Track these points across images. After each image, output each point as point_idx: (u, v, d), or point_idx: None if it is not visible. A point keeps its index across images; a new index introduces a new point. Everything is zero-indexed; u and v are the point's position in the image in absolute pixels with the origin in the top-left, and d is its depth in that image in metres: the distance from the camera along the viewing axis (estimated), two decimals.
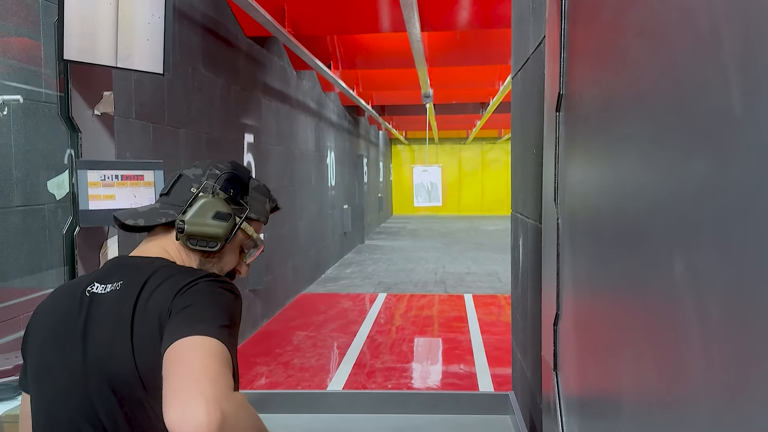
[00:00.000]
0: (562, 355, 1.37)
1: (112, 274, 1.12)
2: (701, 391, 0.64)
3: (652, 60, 0.73)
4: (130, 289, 1.07)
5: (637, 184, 0.82)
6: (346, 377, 5.12)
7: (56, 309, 1.13)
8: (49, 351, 1.10)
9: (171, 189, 1.19)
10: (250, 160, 6.48)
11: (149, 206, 1.20)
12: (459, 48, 7.48)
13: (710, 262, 0.60)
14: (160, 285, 1.06)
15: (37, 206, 2.76)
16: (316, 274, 9.74)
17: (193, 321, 0.96)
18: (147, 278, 1.08)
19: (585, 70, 1.12)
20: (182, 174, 1.20)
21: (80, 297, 1.11)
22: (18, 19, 2.64)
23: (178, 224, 1.15)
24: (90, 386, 1.05)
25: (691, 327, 0.65)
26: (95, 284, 1.11)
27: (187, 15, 4.88)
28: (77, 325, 1.08)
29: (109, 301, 1.08)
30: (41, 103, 2.72)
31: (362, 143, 15.47)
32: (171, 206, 1.18)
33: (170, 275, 1.08)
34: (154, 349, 1.00)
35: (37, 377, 1.11)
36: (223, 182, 1.20)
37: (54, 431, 1.08)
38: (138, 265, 1.12)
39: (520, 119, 2.23)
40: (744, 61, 0.50)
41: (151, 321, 1.03)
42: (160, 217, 1.17)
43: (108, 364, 1.04)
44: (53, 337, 1.10)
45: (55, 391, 1.08)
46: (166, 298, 1.03)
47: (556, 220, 1.33)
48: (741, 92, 0.50)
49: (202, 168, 1.22)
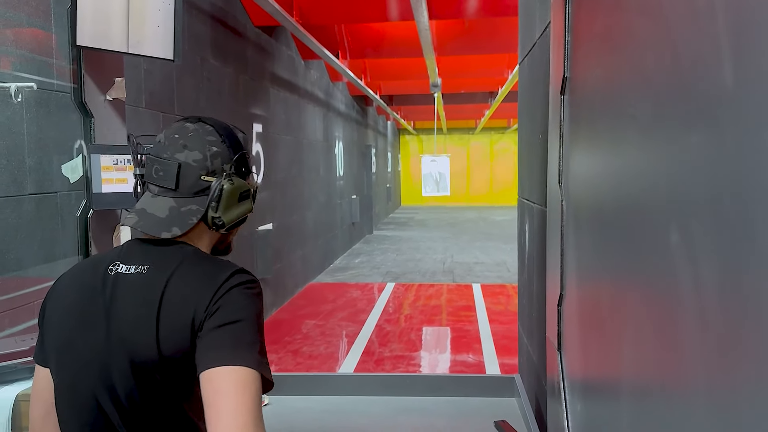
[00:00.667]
0: (566, 337, 1.39)
1: (135, 255, 1.13)
2: (699, 372, 0.66)
3: (652, 37, 0.74)
4: (158, 275, 1.09)
5: (639, 162, 0.84)
6: (355, 365, 5.16)
7: (78, 285, 1.15)
8: (72, 326, 1.12)
9: (177, 182, 1.13)
10: (259, 150, 6.51)
11: (162, 205, 1.14)
12: (467, 36, 7.46)
13: (708, 239, 0.62)
14: (191, 276, 1.09)
15: (50, 194, 2.80)
16: (324, 263, 9.79)
17: (235, 346, 1.03)
18: (176, 266, 1.10)
19: (589, 53, 1.14)
20: (180, 164, 1.13)
21: (103, 275, 1.12)
22: (30, 8, 2.67)
23: (215, 221, 1.16)
24: (111, 363, 1.08)
25: (691, 309, 0.67)
26: (119, 264, 1.13)
27: (196, 5, 4.90)
28: (100, 303, 1.10)
29: (134, 283, 1.10)
30: (53, 92, 2.76)
31: (370, 133, 15.48)
32: (189, 201, 1.14)
33: (200, 266, 1.10)
34: (181, 340, 1.05)
35: (58, 351, 1.13)
36: (235, 163, 1.19)
37: (75, 404, 1.11)
38: (164, 252, 1.13)
39: (527, 105, 2.24)
40: (736, 34, 0.52)
41: (184, 313, 1.05)
42: (189, 218, 1.14)
43: (130, 345, 1.07)
44: (76, 313, 1.12)
45: (77, 365, 1.10)
46: (201, 295, 1.06)
47: (560, 202, 1.35)
48: (733, 63, 0.51)
49: (197, 149, 1.14)
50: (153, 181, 1.15)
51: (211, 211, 1.15)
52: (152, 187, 1.16)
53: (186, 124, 1.17)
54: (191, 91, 4.77)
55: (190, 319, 1.05)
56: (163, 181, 1.14)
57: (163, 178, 1.14)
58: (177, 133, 1.16)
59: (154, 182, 1.15)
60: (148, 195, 1.16)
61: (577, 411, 1.31)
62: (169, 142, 1.15)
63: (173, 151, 1.14)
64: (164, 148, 1.15)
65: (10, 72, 2.56)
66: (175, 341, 1.05)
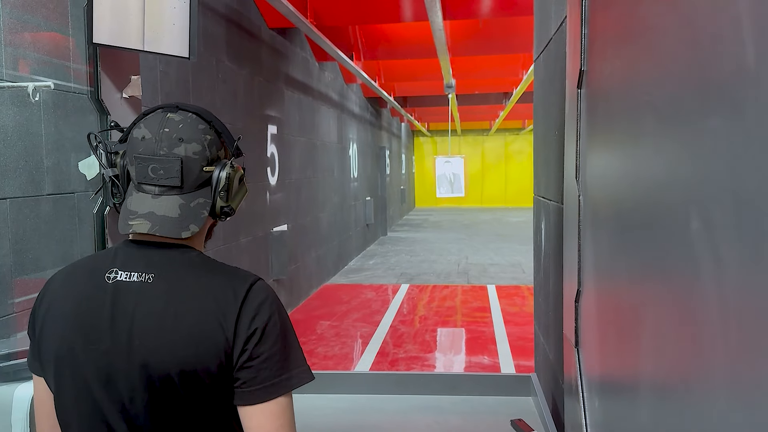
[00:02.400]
0: (584, 334, 1.38)
1: (134, 261, 1.08)
2: (721, 369, 0.64)
3: (670, 22, 0.73)
4: (167, 286, 1.06)
5: (658, 154, 0.83)
6: (369, 366, 5.16)
7: (74, 294, 1.09)
8: (71, 338, 1.07)
9: (182, 179, 1.08)
10: (274, 152, 6.54)
11: (172, 204, 1.09)
12: (481, 37, 7.44)
13: (730, 232, 0.60)
14: (207, 290, 1.06)
15: (68, 194, 2.83)
16: (339, 265, 9.80)
17: (272, 376, 1.06)
18: (185, 276, 1.07)
19: (606, 45, 1.12)
20: (182, 159, 1.07)
21: (101, 283, 1.08)
22: (47, 11, 2.70)
23: (224, 210, 1.13)
24: (118, 378, 1.04)
25: (712, 304, 0.66)
26: (117, 271, 1.07)
27: (211, 7, 4.93)
28: (103, 315, 1.05)
29: (139, 293, 1.06)
30: (70, 93, 2.78)
31: (384, 135, 15.48)
32: (196, 196, 1.10)
33: (212, 279, 1.08)
34: (204, 358, 1.03)
35: (57, 364, 1.08)
36: (231, 146, 1.16)
37: (81, 419, 1.07)
38: (167, 258, 1.09)
39: (542, 101, 2.22)
40: (756, 14, 0.51)
41: (205, 331, 1.03)
42: (201, 212, 1.10)
43: (141, 359, 1.03)
44: (75, 325, 1.07)
45: (80, 379, 1.06)
46: (224, 312, 1.04)
47: (577, 197, 1.33)
48: (754, 42, 0.50)
49: (195, 141, 1.09)
50: (150, 181, 1.07)
51: (221, 201, 1.12)
52: (148, 188, 1.08)
53: (169, 115, 1.09)
54: (206, 92, 4.80)
55: (215, 340, 1.03)
56: (166, 179, 1.07)
57: (165, 176, 1.06)
58: (166, 126, 1.08)
59: (152, 182, 1.07)
60: (146, 197, 1.08)
61: (595, 408, 1.29)
62: (159, 137, 1.07)
63: (170, 147, 1.07)
64: (156, 144, 1.07)
65: (29, 75, 2.60)
66: (195, 357, 1.03)
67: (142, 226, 1.06)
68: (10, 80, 2.44)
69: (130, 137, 1.11)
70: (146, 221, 1.06)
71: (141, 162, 1.07)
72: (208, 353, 1.03)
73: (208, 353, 1.03)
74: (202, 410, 1.06)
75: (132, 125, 1.12)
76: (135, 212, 1.07)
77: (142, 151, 1.07)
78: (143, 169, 1.07)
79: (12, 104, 2.46)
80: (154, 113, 1.11)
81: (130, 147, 1.10)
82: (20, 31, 2.54)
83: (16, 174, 2.55)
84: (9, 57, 2.47)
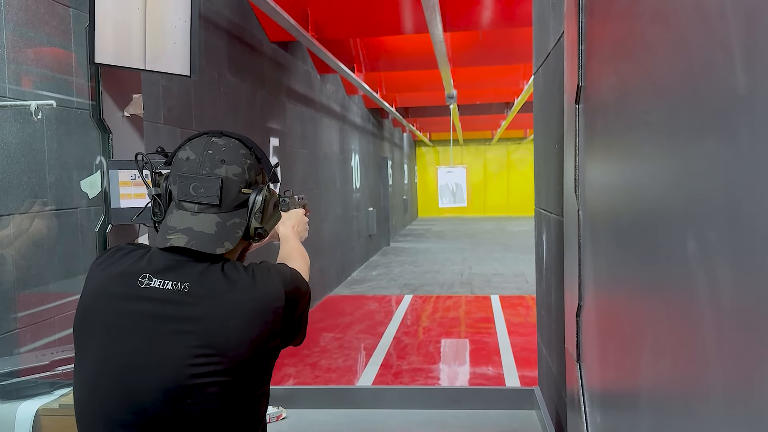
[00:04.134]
0: (585, 348, 1.38)
1: (168, 269, 1.11)
2: (719, 383, 0.65)
3: (665, 44, 0.74)
4: (204, 295, 1.09)
5: (655, 170, 0.83)
6: (373, 378, 5.14)
7: (108, 295, 1.12)
8: (101, 338, 1.10)
9: (221, 198, 1.13)
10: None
11: (209, 221, 1.14)
12: (482, 48, 7.47)
13: (726, 247, 0.61)
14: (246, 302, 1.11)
15: (70, 209, 2.84)
16: (342, 276, 9.79)
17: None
18: (221, 288, 1.10)
19: (603, 61, 1.13)
20: (222, 179, 1.13)
21: (134, 288, 1.10)
22: (50, 28, 2.72)
23: (258, 231, 1.19)
24: (144, 380, 1.06)
25: (709, 318, 0.66)
26: (150, 277, 1.10)
27: (213, 21, 4.97)
28: (135, 318, 1.08)
29: (173, 301, 1.08)
30: (73, 109, 2.80)
31: (386, 145, 15.51)
32: (232, 215, 1.15)
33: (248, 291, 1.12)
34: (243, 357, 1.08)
35: (95, 362, 1.10)
36: (268, 171, 1.23)
37: (96, 420, 1.10)
38: (202, 265, 1.12)
39: (542, 115, 2.23)
40: (748, 40, 0.51)
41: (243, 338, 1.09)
42: (236, 232, 1.16)
43: (173, 363, 1.06)
44: (108, 326, 1.10)
45: (105, 379, 1.09)
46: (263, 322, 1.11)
47: (577, 212, 1.34)
48: (745, 71, 0.51)
49: (236, 164, 1.16)
50: (191, 199, 1.13)
51: (255, 222, 1.17)
52: (188, 205, 1.14)
53: (213, 139, 1.17)
54: (209, 106, 4.83)
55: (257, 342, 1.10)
56: (205, 197, 1.13)
57: (205, 194, 1.13)
58: (210, 149, 1.15)
59: (192, 200, 1.13)
60: (186, 214, 1.14)
61: (597, 423, 1.29)
62: (203, 158, 1.14)
63: (212, 167, 1.13)
64: (199, 165, 1.14)
65: (32, 90, 2.61)
66: (236, 365, 1.08)
67: (180, 240, 1.11)
68: (13, 96, 2.46)
69: (175, 159, 1.17)
70: (184, 236, 1.12)
71: (183, 180, 1.14)
72: (238, 358, 1.08)
73: (238, 358, 1.08)
74: (226, 410, 1.09)
75: (178, 148, 1.19)
76: (174, 228, 1.13)
77: (185, 171, 1.15)
78: (185, 187, 1.14)
79: (15, 121, 2.48)
80: (199, 137, 1.19)
81: (174, 168, 1.17)
82: (23, 48, 2.56)
83: (19, 190, 2.56)
84: (12, 73, 2.49)
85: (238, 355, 1.07)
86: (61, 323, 2.79)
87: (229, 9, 5.31)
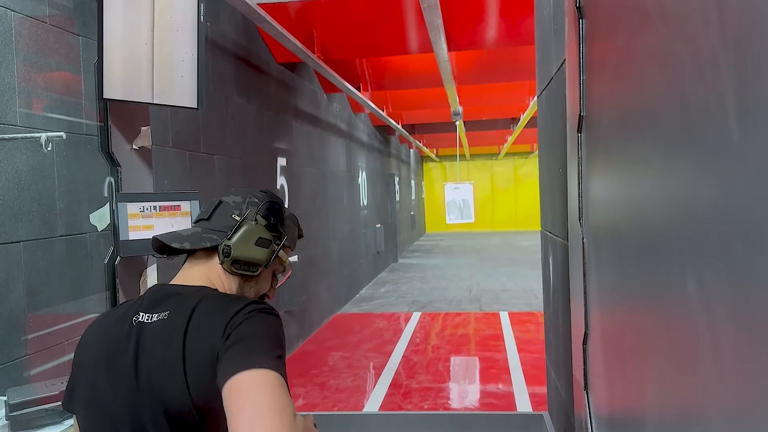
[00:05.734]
0: (592, 373, 1.37)
1: (157, 303, 1.15)
2: (722, 408, 0.65)
3: (661, 84, 0.75)
4: (178, 318, 1.11)
5: (654, 203, 0.84)
6: (382, 398, 5.12)
7: (105, 338, 1.17)
8: (101, 379, 1.13)
9: (212, 214, 1.23)
10: (284, 183, 6.59)
11: (191, 230, 1.23)
12: (487, 65, 7.51)
13: (721, 281, 0.61)
14: (209, 314, 1.10)
15: (79, 235, 2.86)
16: (350, 294, 9.78)
17: (250, 354, 1.00)
18: (194, 307, 1.11)
19: (603, 93, 1.14)
20: (222, 201, 1.25)
21: (128, 327, 1.14)
22: (59, 56, 2.77)
23: (224, 249, 1.20)
24: (144, 415, 1.08)
25: (707, 345, 0.66)
26: (141, 314, 1.14)
27: (220, 45, 5.03)
28: (128, 354, 1.11)
29: (157, 331, 1.11)
30: (82, 135, 2.84)
31: (393, 162, 15.56)
32: (213, 231, 1.21)
33: (216, 304, 1.12)
34: (206, 376, 1.04)
35: (87, 405, 1.14)
36: (265, 210, 1.25)
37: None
38: (183, 295, 1.15)
39: (546, 138, 2.24)
40: (739, 88, 0.52)
41: (204, 349, 1.05)
42: (204, 241, 1.20)
43: (162, 392, 1.07)
44: (102, 366, 1.13)
45: (108, 417, 1.11)
46: (217, 327, 1.06)
47: (581, 239, 1.34)
48: (738, 119, 0.52)
49: (241, 196, 1.26)
50: (196, 216, 1.29)
51: (226, 240, 1.20)
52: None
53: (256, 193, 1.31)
54: (216, 129, 4.87)
55: (211, 353, 1.04)
56: (203, 213, 1.26)
57: (203, 212, 1.26)
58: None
59: (197, 216, 1.29)
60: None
61: None
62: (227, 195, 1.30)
63: (221, 196, 1.28)
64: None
65: (42, 114, 2.65)
66: (202, 379, 1.05)
67: (165, 236, 1.22)
68: (24, 123, 2.50)
69: None
70: (167, 234, 1.22)
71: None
72: (211, 375, 1.04)
73: (211, 375, 1.04)
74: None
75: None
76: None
77: None
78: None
79: (26, 149, 2.52)
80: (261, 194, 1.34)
81: None
82: (34, 73, 2.60)
83: (29, 217, 2.59)
84: (23, 101, 2.53)
85: None
86: (70, 346, 2.81)
87: (236, 32, 5.38)
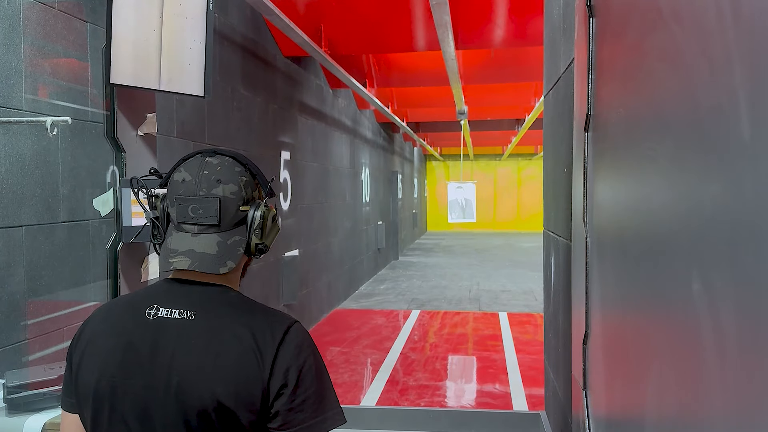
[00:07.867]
0: (592, 374, 1.37)
1: (176, 298, 1.12)
2: (722, 411, 0.65)
3: (672, 84, 0.75)
4: (208, 324, 1.09)
5: (661, 204, 0.83)
6: (379, 394, 5.13)
7: (115, 331, 1.12)
8: (111, 374, 1.09)
9: (220, 217, 1.13)
10: (287, 177, 6.59)
11: (211, 243, 1.13)
12: (494, 65, 7.50)
13: (727, 284, 0.61)
14: (244, 331, 1.09)
15: (82, 221, 2.86)
16: (349, 290, 9.79)
17: (310, 418, 1.09)
18: (226, 315, 1.10)
19: (611, 92, 1.14)
20: (220, 199, 1.13)
21: (142, 319, 1.11)
22: (67, 42, 2.77)
23: (259, 247, 1.18)
24: (158, 413, 1.06)
25: (712, 347, 0.66)
26: (158, 307, 1.11)
27: (228, 37, 5.02)
28: (143, 350, 1.08)
29: (180, 330, 1.09)
30: (87, 122, 2.84)
31: (397, 160, 15.55)
32: (230, 233, 1.15)
33: (252, 320, 1.11)
34: (244, 396, 1.05)
35: (96, 400, 1.10)
36: (261, 182, 1.21)
37: None
38: (208, 296, 1.13)
39: (551, 138, 2.23)
40: (753, 88, 0.52)
41: (244, 368, 1.06)
42: (237, 249, 1.15)
43: (183, 395, 1.05)
44: (115, 361, 1.10)
45: (118, 414, 1.08)
46: (264, 355, 1.08)
47: (584, 239, 1.34)
48: (750, 118, 0.51)
49: (232, 182, 1.15)
50: (190, 221, 1.13)
51: (255, 238, 1.16)
52: (188, 227, 1.13)
53: (207, 159, 1.16)
54: (221, 120, 4.87)
55: (252, 379, 1.06)
56: (205, 218, 1.12)
57: (204, 215, 1.12)
58: (205, 169, 1.14)
59: (192, 221, 1.13)
60: (186, 236, 1.13)
61: None
62: (199, 179, 1.13)
63: (209, 188, 1.13)
64: (195, 186, 1.13)
65: (48, 100, 2.65)
66: (234, 396, 1.05)
67: (182, 262, 1.11)
68: (30, 108, 2.50)
69: (170, 180, 1.17)
70: (186, 258, 1.11)
71: (181, 203, 1.13)
72: (245, 392, 1.05)
73: (245, 392, 1.05)
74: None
75: (172, 169, 1.18)
76: (176, 250, 1.13)
77: (183, 193, 1.14)
78: (183, 209, 1.13)
79: (30, 134, 2.52)
80: (193, 158, 1.18)
81: (170, 190, 1.17)
82: (41, 60, 2.60)
83: (32, 202, 2.59)
84: (30, 86, 2.53)
85: None
86: (70, 334, 2.81)
87: (243, 24, 5.38)
